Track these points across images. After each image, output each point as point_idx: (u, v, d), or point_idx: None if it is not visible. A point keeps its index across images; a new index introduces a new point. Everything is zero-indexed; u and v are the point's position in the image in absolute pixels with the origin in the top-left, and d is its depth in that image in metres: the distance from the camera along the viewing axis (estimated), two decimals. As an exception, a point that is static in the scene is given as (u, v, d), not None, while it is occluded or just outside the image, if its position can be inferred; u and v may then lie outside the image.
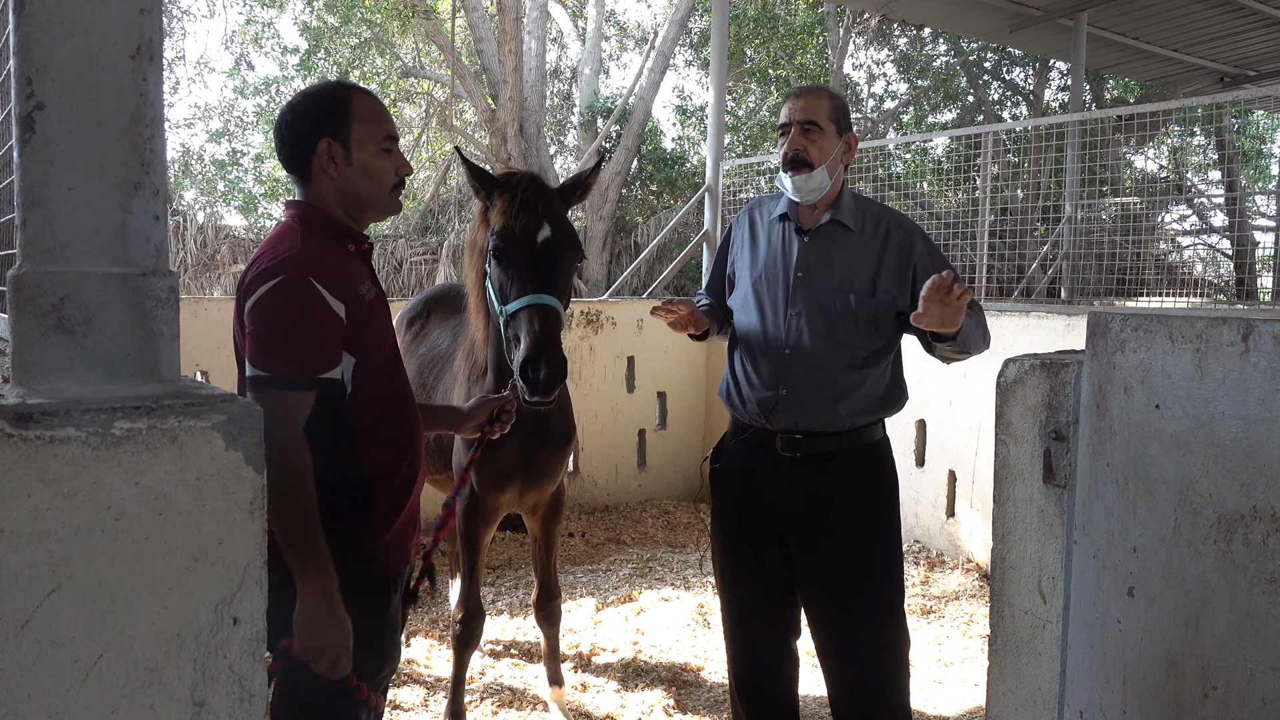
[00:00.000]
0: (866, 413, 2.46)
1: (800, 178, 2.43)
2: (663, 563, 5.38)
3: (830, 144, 2.44)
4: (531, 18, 13.08)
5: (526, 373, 2.50)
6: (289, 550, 1.70)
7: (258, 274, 1.74)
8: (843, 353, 2.42)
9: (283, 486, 1.66)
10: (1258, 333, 1.20)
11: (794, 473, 2.47)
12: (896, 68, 18.46)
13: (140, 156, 1.16)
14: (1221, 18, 9.92)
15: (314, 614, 1.70)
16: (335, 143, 1.84)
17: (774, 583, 2.55)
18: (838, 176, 2.49)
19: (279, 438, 1.65)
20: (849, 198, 2.53)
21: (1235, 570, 1.22)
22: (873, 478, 2.50)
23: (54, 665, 1.07)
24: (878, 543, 2.47)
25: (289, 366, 1.71)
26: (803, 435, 2.45)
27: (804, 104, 2.44)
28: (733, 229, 2.74)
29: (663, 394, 6.68)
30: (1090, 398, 1.41)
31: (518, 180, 2.72)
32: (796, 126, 2.43)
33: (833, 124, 2.44)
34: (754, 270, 2.58)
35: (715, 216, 7.56)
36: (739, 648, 2.65)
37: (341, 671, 1.76)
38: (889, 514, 2.51)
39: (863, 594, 2.44)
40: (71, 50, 1.13)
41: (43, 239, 1.13)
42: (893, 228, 2.47)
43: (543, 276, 2.60)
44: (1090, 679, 1.42)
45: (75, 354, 1.14)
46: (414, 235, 14.72)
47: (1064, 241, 7.90)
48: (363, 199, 1.91)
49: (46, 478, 1.04)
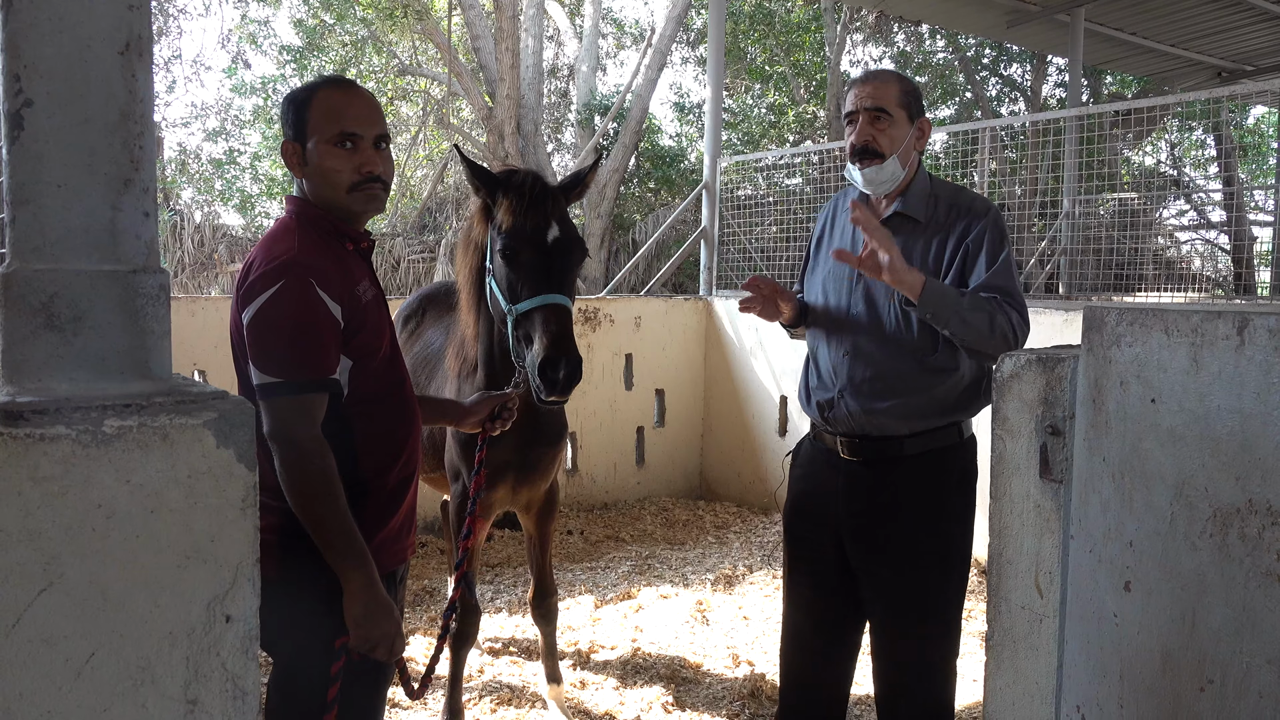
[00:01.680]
0: (930, 417, 2.31)
1: (871, 169, 2.29)
2: (661, 560, 5.38)
3: (901, 132, 2.28)
4: (528, 15, 13.07)
5: (546, 372, 2.48)
6: (327, 549, 1.72)
7: (256, 278, 1.73)
8: (902, 355, 2.29)
9: (311, 488, 1.69)
10: (1252, 327, 1.20)
11: (854, 477, 2.37)
12: (894, 64, 18.45)
13: (130, 153, 1.16)
14: (1218, 12, 9.92)
15: (363, 606, 1.73)
16: (294, 143, 1.83)
17: (831, 585, 2.46)
18: (911, 165, 2.34)
19: (300, 440, 1.69)
20: (921, 186, 2.35)
21: (1231, 564, 1.22)
22: (934, 488, 2.34)
23: (46, 664, 1.06)
24: (933, 557, 2.34)
25: (299, 370, 1.71)
26: (862, 439, 2.35)
27: (872, 89, 2.29)
28: (818, 220, 2.62)
29: (661, 391, 6.68)
30: (1086, 392, 1.41)
31: (523, 179, 2.70)
32: (865, 114, 2.27)
33: (903, 110, 2.29)
34: (824, 266, 2.47)
35: (713, 213, 7.55)
36: (788, 643, 2.59)
37: (399, 654, 1.81)
38: (950, 527, 2.35)
39: (911, 608, 2.34)
40: (60, 47, 1.12)
41: (31, 236, 1.13)
42: (960, 214, 2.29)
43: (555, 276, 2.59)
44: (1087, 673, 1.42)
45: (65, 352, 1.13)
46: (411, 234, 14.71)
47: (1062, 237, 7.90)
48: (324, 200, 1.85)
49: (37, 476, 1.04)
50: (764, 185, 8.55)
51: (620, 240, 14.48)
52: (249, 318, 1.72)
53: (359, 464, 1.86)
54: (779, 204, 8.28)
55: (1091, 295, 7.53)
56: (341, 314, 1.78)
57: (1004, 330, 2.16)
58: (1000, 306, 2.17)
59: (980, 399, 2.38)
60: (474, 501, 2.43)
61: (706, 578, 5.05)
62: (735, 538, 5.82)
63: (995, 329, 2.15)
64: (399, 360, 2.02)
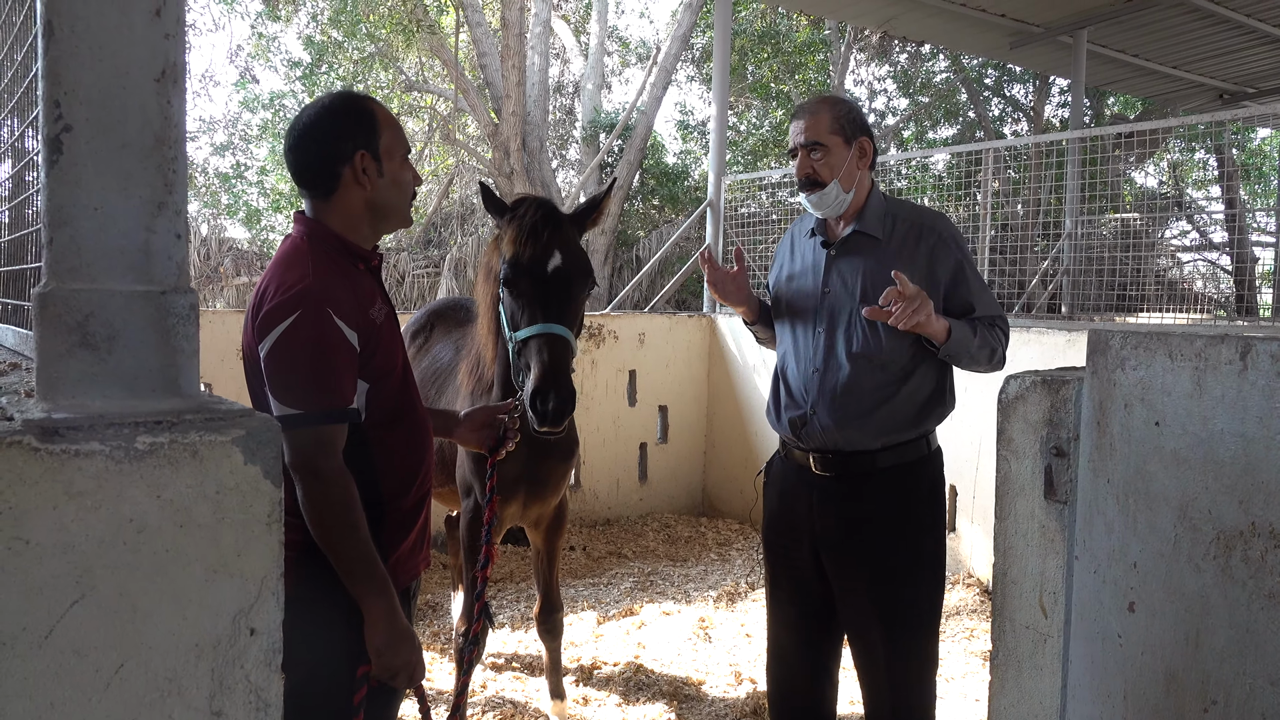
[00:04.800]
0: (900, 430, 2.39)
1: (814, 196, 2.43)
2: (664, 576, 5.39)
3: (839, 157, 2.41)
4: (535, 33, 13.17)
5: (535, 404, 2.52)
6: (349, 578, 1.74)
7: (272, 308, 1.73)
8: (871, 370, 2.37)
9: (335, 520, 1.71)
10: (1256, 351, 1.23)
11: (827, 493, 2.44)
12: (897, 84, 18.56)
13: (164, 177, 1.19)
14: (1221, 35, 9.99)
15: (385, 635, 1.75)
16: (368, 154, 1.84)
17: (811, 600, 2.52)
18: (860, 184, 2.45)
19: (323, 471, 1.70)
20: (876, 204, 2.47)
21: (1234, 586, 1.24)
22: (906, 502, 2.42)
23: (76, 674, 1.09)
24: (907, 571, 2.39)
25: (319, 401, 1.72)
26: (834, 455, 2.41)
27: (804, 124, 2.44)
28: (779, 245, 2.74)
29: (664, 408, 6.70)
30: (1091, 414, 1.44)
31: (527, 208, 2.73)
32: (801, 150, 2.44)
33: (838, 136, 2.42)
34: (789, 287, 2.58)
35: (717, 231, 7.59)
36: (774, 660, 2.65)
37: (419, 681, 1.84)
38: (922, 540, 2.42)
39: (885, 621, 2.38)
40: (99, 74, 1.16)
41: (68, 257, 1.16)
42: (925, 232, 2.41)
43: (553, 306, 2.62)
44: (1091, 693, 1.44)
45: (99, 370, 1.16)
46: (416, 248, 14.77)
47: (1064, 257, 7.93)
48: (390, 209, 1.91)
49: (72, 490, 1.07)
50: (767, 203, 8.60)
51: (624, 257, 14.53)
52: (266, 349, 1.72)
53: (380, 487, 1.87)
54: (782, 221, 8.32)
55: (1094, 315, 7.55)
56: (358, 340, 1.78)
57: (999, 355, 2.40)
58: (996, 336, 2.37)
59: (945, 404, 2.48)
60: (488, 530, 2.44)
61: (709, 594, 5.06)
62: (738, 554, 5.83)
63: (995, 359, 2.39)
64: (411, 378, 2.03)
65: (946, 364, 2.46)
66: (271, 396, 1.74)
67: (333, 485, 1.71)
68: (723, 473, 6.78)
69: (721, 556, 5.83)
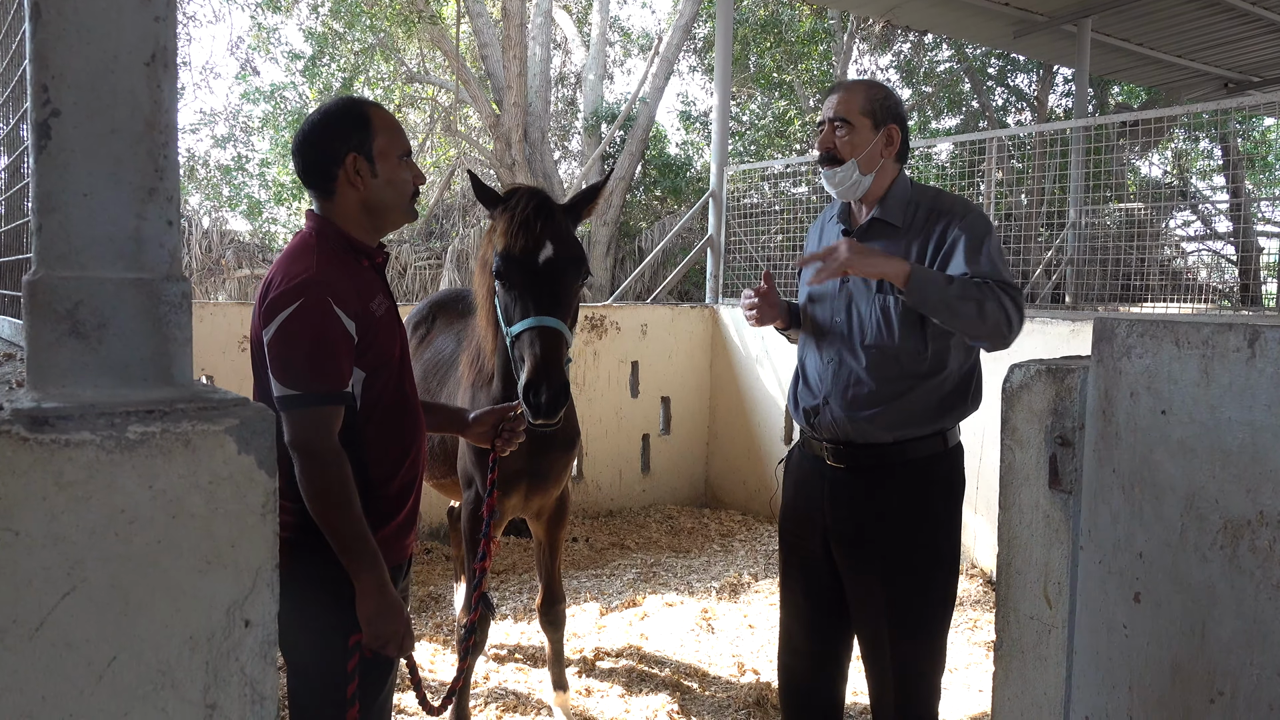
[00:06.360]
0: (916, 425, 2.33)
1: (828, 172, 2.41)
2: (667, 568, 5.38)
3: (863, 138, 2.37)
4: (536, 23, 13.12)
5: (529, 397, 2.51)
6: (343, 553, 1.85)
7: (277, 296, 1.84)
8: (885, 362, 2.33)
9: (329, 495, 1.82)
10: (1264, 339, 1.21)
11: (840, 485, 2.41)
12: (900, 74, 18.48)
13: (154, 163, 1.18)
14: (1225, 24, 9.93)
15: (375, 605, 1.86)
16: (360, 156, 1.94)
17: (823, 591, 2.49)
18: (883, 171, 2.40)
19: (318, 450, 1.82)
20: (901, 192, 2.41)
21: (1241, 576, 1.23)
22: (919, 496, 2.36)
23: (68, 668, 1.07)
24: (917, 566, 2.35)
25: (317, 383, 1.83)
26: (846, 446, 2.39)
27: (837, 99, 2.41)
28: (809, 232, 2.72)
29: (666, 399, 6.68)
30: (1096, 403, 1.42)
31: (519, 198, 2.71)
32: (828, 124, 2.41)
33: (867, 118, 2.38)
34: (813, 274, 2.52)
35: (719, 222, 7.56)
36: (784, 650, 2.63)
37: (408, 650, 1.95)
38: (935, 536, 2.37)
39: (894, 616, 2.35)
40: (87, 58, 1.14)
41: (58, 244, 1.14)
42: (940, 215, 2.34)
43: (545, 298, 2.60)
44: (1096, 684, 1.43)
45: (90, 358, 1.15)
46: (418, 240, 14.74)
47: (1068, 247, 7.90)
48: (385, 209, 2.00)
49: (61, 481, 1.05)
50: (770, 193, 8.57)
51: (626, 248, 14.49)
52: (270, 334, 1.84)
53: (369, 470, 1.96)
54: (785, 212, 8.30)
55: (1098, 305, 7.52)
56: (355, 329, 1.89)
57: (996, 317, 2.14)
58: (991, 292, 2.15)
59: (968, 404, 2.40)
60: (488, 524, 2.45)
61: (712, 586, 5.05)
62: (740, 546, 5.83)
63: (986, 316, 2.14)
64: (408, 371, 2.11)
65: (976, 366, 2.40)
66: (273, 378, 1.85)
67: (328, 463, 1.82)
68: (725, 464, 6.77)
69: (724, 548, 5.82)
